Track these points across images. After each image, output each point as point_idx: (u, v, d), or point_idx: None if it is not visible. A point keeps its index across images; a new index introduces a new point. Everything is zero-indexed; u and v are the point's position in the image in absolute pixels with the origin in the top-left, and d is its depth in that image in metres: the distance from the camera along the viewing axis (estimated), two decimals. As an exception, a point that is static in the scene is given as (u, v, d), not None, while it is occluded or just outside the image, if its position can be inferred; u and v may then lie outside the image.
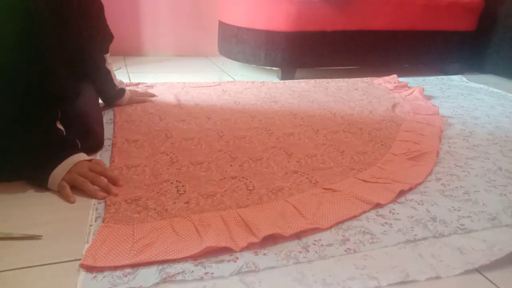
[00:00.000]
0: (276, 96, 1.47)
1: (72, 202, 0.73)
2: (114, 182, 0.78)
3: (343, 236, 0.68)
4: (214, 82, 1.61)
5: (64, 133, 0.80)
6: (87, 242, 0.63)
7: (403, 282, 0.59)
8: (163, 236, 0.64)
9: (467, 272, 0.62)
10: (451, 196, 0.83)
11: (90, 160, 0.81)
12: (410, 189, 0.85)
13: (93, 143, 0.93)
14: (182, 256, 0.60)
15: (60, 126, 0.80)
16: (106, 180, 0.78)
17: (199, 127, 1.12)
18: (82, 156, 0.80)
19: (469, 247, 0.67)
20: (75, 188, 0.76)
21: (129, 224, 0.67)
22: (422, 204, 0.79)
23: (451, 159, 1.02)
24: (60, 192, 0.75)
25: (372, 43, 1.84)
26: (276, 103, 1.39)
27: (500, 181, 0.91)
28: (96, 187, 0.76)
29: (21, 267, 0.57)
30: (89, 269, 0.57)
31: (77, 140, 0.83)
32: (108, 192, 0.76)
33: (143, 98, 1.32)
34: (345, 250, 0.65)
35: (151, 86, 1.49)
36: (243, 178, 0.85)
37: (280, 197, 0.78)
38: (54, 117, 0.79)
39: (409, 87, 1.64)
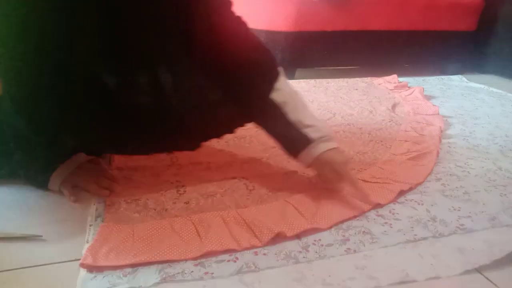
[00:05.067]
0: (276, 96, 1.47)
1: (74, 202, 0.73)
2: (114, 181, 0.79)
3: (343, 236, 0.68)
4: (214, 82, 1.61)
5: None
6: (87, 242, 0.63)
7: (403, 282, 0.59)
8: (163, 236, 0.64)
9: (467, 272, 0.62)
10: (451, 196, 0.83)
11: (89, 160, 0.81)
12: (410, 189, 0.84)
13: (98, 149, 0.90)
14: (182, 257, 0.60)
15: None
16: (107, 180, 0.78)
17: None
18: (82, 157, 0.80)
19: (469, 247, 0.67)
20: (76, 188, 0.76)
21: (129, 224, 0.67)
22: (422, 204, 0.79)
23: (451, 159, 1.02)
24: (62, 192, 0.75)
25: (372, 43, 1.83)
26: (276, 103, 1.38)
27: (500, 181, 0.91)
28: (98, 186, 0.76)
29: (21, 267, 0.57)
30: (89, 268, 0.57)
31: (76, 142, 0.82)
32: (112, 190, 0.76)
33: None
34: (345, 250, 0.65)
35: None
36: (243, 178, 0.85)
37: (280, 197, 0.78)
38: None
39: (409, 87, 1.64)
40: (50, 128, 0.71)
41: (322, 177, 0.80)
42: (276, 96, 0.76)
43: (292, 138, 0.76)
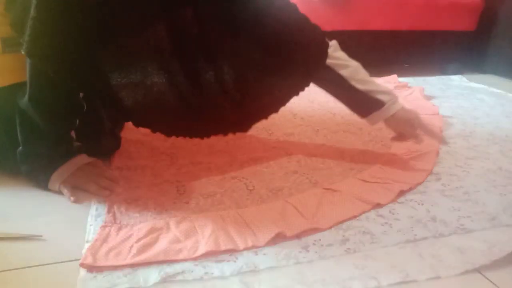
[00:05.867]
0: (276, 96, 1.47)
1: (74, 202, 0.73)
2: (114, 181, 0.79)
3: (343, 236, 0.68)
4: (214, 82, 1.61)
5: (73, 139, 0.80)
6: (87, 242, 0.63)
7: (403, 282, 0.59)
8: (163, 236, 0.64)
9: (467, 272, 0.62)
10: (451, 196, 0.83)
11: (89, 162, 0.80)
12: (410, 189, 0.84)
13: (104, 150, 0.91)
14: (182, 257, 0.60)
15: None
16: (107, 180, 0.78)
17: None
18: (83, 158, 0.79)
19: (469, 247, 0.67)
20: (76, 188, 0.76)
21: (129, 224, 0.67)
22: (422, 204, 0.79)
23: (451, 159, 1.02)
24: (61, 192, 0.75)
25: (372, 43, 1.83)
26: (276, 103, 1.38)
27: (500, 181, 0.91)
28: (99, 186, 0.76)
29: (21, 267, 0.57)
30: (89, 268, 0.57)
31: (79, 143, 0.82)
32: (112, 190, 0.76)
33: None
34: (345, 250, 0.65)
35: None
36: (243, 178, 0.85)
37: (280, 197, 0.78)
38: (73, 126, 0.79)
39: (409, 87, 1.64)
40: (68, 120, 0.74)
41: (398, 133, 0.95)
42: (345, 72, 0.90)
43: (363, 102, 0.90)
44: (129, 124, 1.08)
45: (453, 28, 1.95)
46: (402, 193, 0.83)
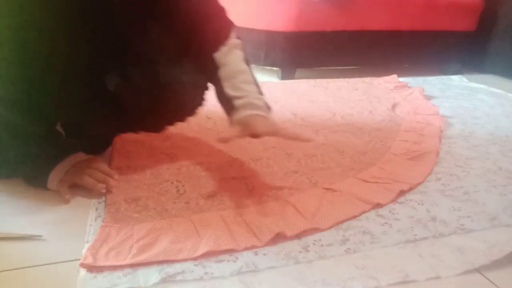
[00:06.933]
0: (276, 96, 1.47)
1: (67, 200, 0.73)
2: (110, 176, 0.78)
3: (343, 236, 0.68)
4: (214, 82, 1.61)
5: (64, 136, 0.80)
6: (87, 242, 0.63)
7: (403, 282, 0.59)
8: (163, 236, 0.64)
9: (467, 272, 0.62)
10: (451, 196, 0.83)
11: (87, 160, 0.80)
12: (410, 189, 0.85)
13: (97, 145, 0.91)
14: (182, 257, 0.60)
15: (59, 129, 0.80)
16: (102, 174, 0.78)
17: (199, 127, 1.12)
18: (80, 156, 0.79)
19: (469, 247, 0.67)
20: (75, 187, 0.76)
21: (129, 224, 0.67)
22: (422, 204, 0.79)
23: (451, 159, 1.02)
24: (58, 190, 0.75)
25: (372, 43, 1.83)
26: (276, 103, 1.39)
27: (500, 181, 0.91)
28: (94, 180, 0.76)
29: (21, 267, 0.57)
30: (89, 268, 0.57)
31: (75, 141, 0.82)
32: (106, 183, 0.76)
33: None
34: (345, 250, 0.65)
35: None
36: (243, 178, 0.85)
37: (280, 197, 0.78)
38: (54, 121, 0.79)
39: (409, 87, 1.64)
40: (45, 117, 0.75)
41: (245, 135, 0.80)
42: (222, 71, 0.83)
43: (229, 106, 0.82)
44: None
45: (453, 28, 1.95)
46: (402, 193, 0.83)
